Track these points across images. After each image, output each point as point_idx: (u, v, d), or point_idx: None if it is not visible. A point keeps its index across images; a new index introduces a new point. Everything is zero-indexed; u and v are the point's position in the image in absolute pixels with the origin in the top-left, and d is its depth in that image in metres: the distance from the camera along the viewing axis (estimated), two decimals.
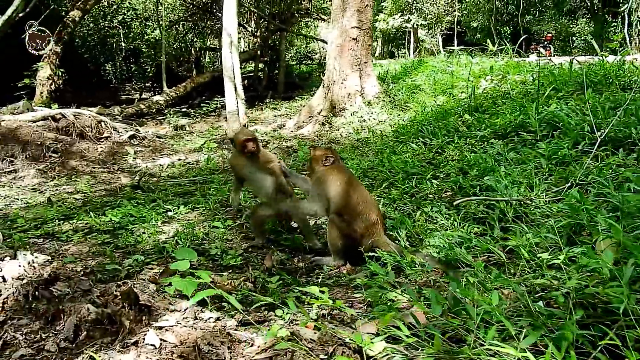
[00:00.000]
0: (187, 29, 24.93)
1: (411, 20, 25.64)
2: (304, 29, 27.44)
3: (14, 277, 3.76)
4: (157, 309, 3.14)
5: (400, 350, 2.18)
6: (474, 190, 4.57)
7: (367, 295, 3.42)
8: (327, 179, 4.20)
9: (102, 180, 8.08)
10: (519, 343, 1.99)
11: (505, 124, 5.80)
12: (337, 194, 4.13)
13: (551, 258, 2.76)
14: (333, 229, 4.11)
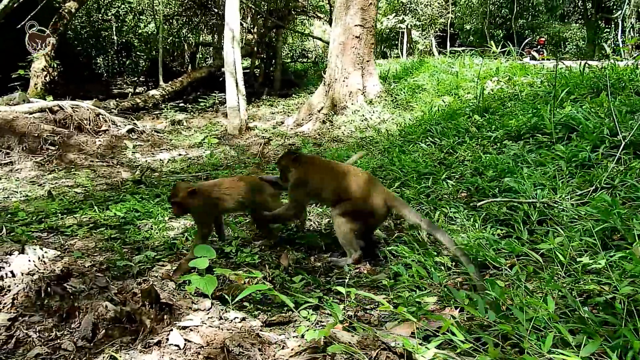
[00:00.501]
0: (182, 23, 24.68)
1: (405, 20, 25.61)
2: (300, 27, 27.29)
3: (24, 272, 3.62)
4: (179, 308, 3.02)
5: (453, 356, 2.08)
6: (492, 191, 4.51)
7: (393, 296, 3.33)
8: (307, 175, 4.16)
9: (102, 174, 7.91)
10: (580, 351, 1.91)
11: (519, 126, 5.74)
12: (326, 182, 4.12)
13: (592, 262, 2.69)
14: (339, 220, 4.03)
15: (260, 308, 3.34)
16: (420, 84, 10.98)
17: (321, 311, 3.30)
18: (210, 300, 3.04)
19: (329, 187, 4.11)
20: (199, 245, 3.67)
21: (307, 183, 4.15)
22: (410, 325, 2.86)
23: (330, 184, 4.11)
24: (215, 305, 3.02)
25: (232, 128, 10.52)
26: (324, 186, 4.13)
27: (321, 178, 4.15)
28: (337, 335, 2.50)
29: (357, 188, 4.02)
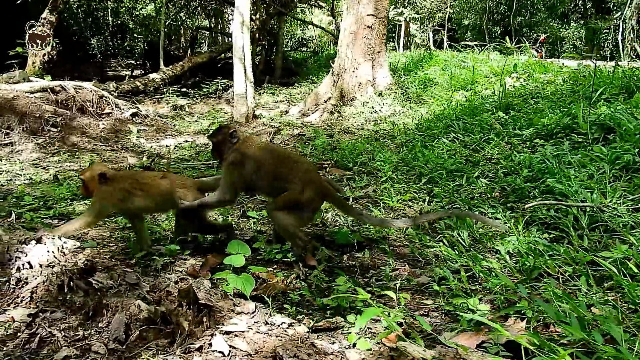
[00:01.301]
0: (180, 7, 24.18)
1: (404, 13, 25.33)
2: (300, 16, 26.91)
3: (43, 264, 3.37)
4: (220, 310, 2.79)
5: None
6: (532, 192, 4.31)
7: (443, 303, 3.12)
8: (245, 156, 3.80)
9: (107, 159, 7.62)
10: None
11: (550, 125, 5.55)
12: (265, 167, 3.79)
13: None
14: (277, 214, 3.74)
15: (301, 311, 3.12)
16: (431, 77, 10.75)
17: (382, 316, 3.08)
18: (254, 303, 2.81)
19: (267, 173, 3.79)
20: (233, 241, 3.44)
21: (244, 164, 3.79)
22: (472, 337, 2.66)
23: (270, 169, 3.79)
24: (259, 309, 2.79)
25: (238, 116, 10.24)
26: (262, 171, 3.80)
27: (260, 161, 3.81)
28: (406, 349, 2.28)
29: (298, 177, 3.76)
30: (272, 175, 3.79)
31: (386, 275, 3.53)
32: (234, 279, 3.11)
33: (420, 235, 4.11)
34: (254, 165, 3.79)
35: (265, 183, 3.81)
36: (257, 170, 3.79)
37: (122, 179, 3.94)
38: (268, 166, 3.80)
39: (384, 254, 4.04)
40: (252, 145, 3.89)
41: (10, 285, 3.21)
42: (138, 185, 3.90)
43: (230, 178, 3.81)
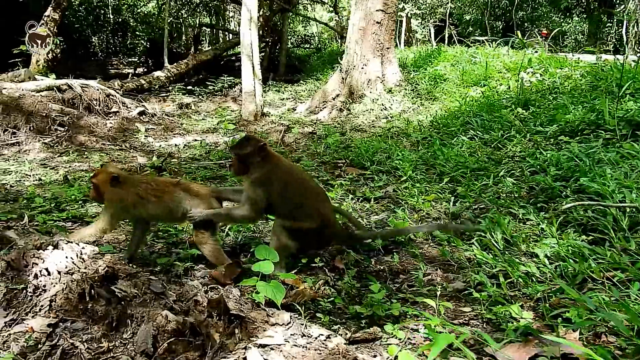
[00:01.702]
0: (181, 4, 24.02)
1: (405, 9, 25.12)
2: (302, 12, 26.72)
3: (61, 270, 3.22)
4: (253, 321, 2.64)
5: None
6: (565, 191, 4.16)
7: (484, 310, 2.97)
8: (273, 175, 3.60)
9: (116, 158, 7.47)
10: None
11: (574, 121, 5.39)
12: (286, 190, 3.61)
13: None
14: (283, 233, 3.58)
15: (335, 320, 2.97)
16: (441, 73, 10.59)
17: (403, 325, 2.94)
18: (289, 314, 2.66)
19: (291, 199, 3.61)
20: (260, 246, 3.29)
21: (272, 183, 3.58)
22: (521, 348, 2.51)
23: (296, 196, 3.62)
24: (295, 319, 2.64)
25: (247, 113, 10.08)
26: (288, 196, 3.61)
27: (288, 184, 3.63)
28: None
29: (319, 214, 3.64)
30: (296, 203, 3.62)
31: (419, 280, 3.38)
32: (264, 287, 2.97)
33: (452, 238, 3.95)
34: (281, 187, 3.60)
35: (286, 208, 3.62)
36: (283, 192, 3.61)
37: (135, 183, 3.76)
38: (294, 192, 3.64)
39: (412, 258, 3.89)
40: (282, 165, 3.71)
41: (27, 293, 3.08)
42: (152, 191, 3.72)
43: (256, 195, 3.58)
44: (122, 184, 3.70)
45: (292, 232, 3.59)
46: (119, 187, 3.68)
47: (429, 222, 4.51)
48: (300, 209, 3.60)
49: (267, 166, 3.58)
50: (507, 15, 35.42)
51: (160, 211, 3.78)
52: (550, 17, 38.62)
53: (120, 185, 3.69)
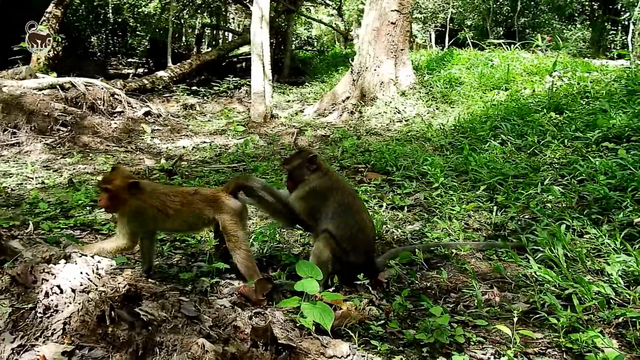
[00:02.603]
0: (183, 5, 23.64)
1: None
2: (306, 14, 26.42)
3: (75, 288, 2.83)
4: (306, 352, 2.27)
5: None
6: (625, 202, 3.80)
7: (563, 339, 2.60)
8: (325, 188, 3.36)
9: (122, 160, 7.08)
10: None
11: (620, 127, 5.05)
12: (340, 210, 3.33)
13: None
14: (326, 250, 3.27)
15: (392, 348, 2.60)
16: (457, 76, 10.24)
17: (468, 351, 2.58)
18: (347, 344, 2.28)
19: (345, 223, 3.33)
20: (301, 261, 2.92)
21: (327, 197, 3.35)
22: None
23: (349, 219, 3.34)
24: (354, 350, 2.27)
25: (256, 115, 9.71)
26: (340, 212, 3.34)
27: (342, 203, 3.37)
28: None
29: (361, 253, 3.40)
30: (350, 230, 3.33)
31: (478, 301, 3.00)
32: (310, 310, 2.59)
33: (509, 252, 3.59)
34: (336, 206, 3.34)
35: (337, 230, 3.32)
36: (337, 211, 3.34)
37: (153, 193, 3.34)
38: (349, 216, 3.35)
39: (460, 274, 3.53)
40: (337, 179, 3.53)
41: (37, 314, 2.69)
42: (171, 203, 3.32)
43: (307, 204, 3.37)
44: (141, 192, 3.30)
45: (337, 257, 3.27)
46: (139, 195, 3.28)
47: (469, 233, 4.14)
48: (351, 239, 3.31)
49: (326, 179, 3.39)
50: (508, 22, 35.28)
51: (179, 225, 3.43)
52: (552, 24, 38.50)
53: (140, 193, 3.29)
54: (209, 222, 3.46)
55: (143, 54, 22.96)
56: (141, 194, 3.27)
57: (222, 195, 3.44)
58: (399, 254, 3.72)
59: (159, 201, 3.30)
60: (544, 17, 39.24)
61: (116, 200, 3.24)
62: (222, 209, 3.37)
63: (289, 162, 3.48)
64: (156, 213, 3.29)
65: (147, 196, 3.30)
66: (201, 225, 3.51)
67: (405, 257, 3.67)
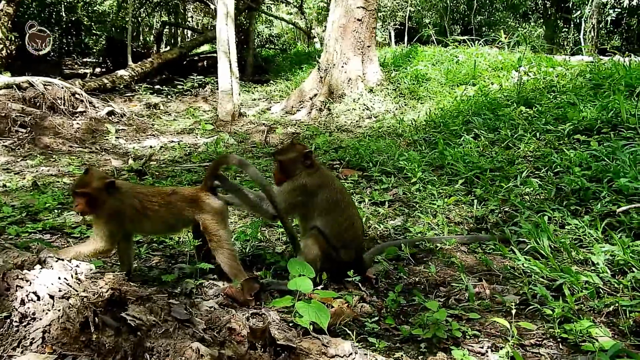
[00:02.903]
0: (140, 3, 23.08)
1: None
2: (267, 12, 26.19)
3: (54, 294, 2.69)
4: (307, 352, 2.19)
5: None
6: (603, 193, 3.87)
7: (558, 330, 2.60)
8: (315, 185, 3.27)
9: (88, 162, 6.82)
10: None
11: (591, 120, 5.16)
12: (330, 207, 3.27)
13: None
14: (315, 247, 3.22)
15: (389, 345, 2.55)
16: (423, 72, 10.32)
17: (465, 345, 2.56)
18: (349, 342, 2.22)
19: (336, 221, 3.27)
20: (293, 260, 2.84)
21: (317, 194, 3.26)
22: None
23: (340, 217, 3.30)
24: (356, 349, 2.20)
25: (224, 113, 9.54)
26: (332, 211, 3.27)
27: (336, 203, 3.29)
28: None
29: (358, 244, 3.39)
30: (339, 227, 3.27)
31: (470, 294, 2.99)
32: (306, 309, 2.52)
33: (498, 246, 3.60)
34: (327, 203, 3.26)
35: (327, 227, 3.25)
36: (329, 208, 3.26)
37: (131, 193, 3.20)
38: (340, 213, 3.29)
39: (447, 267, 3.52)
40: (328, 176, 3.43)
41: (12, 323, 2.54)
42: (149, 203, 3.18)
43: (294, 199, 3.25)
44: (119, 191, 3.16)
45: (326, 254, 3.22)
46: (116, 195, 3.14)
47: (452, 227, 4.15)
48: (340, 236, 3.25)
49: (317, 175, 3.28)
50: (465, 20, 35.93)
51: (158, 226, 3.29)
52: (506, 22, 39.41)
53: (117, 193, 3.15)
54: (188, 223, 3.35)
55: (100, 53, 22.26)
56: (118, 193, 3.13)
57: (201, 194, 3.32)
58: (385, 249, 3.69)
59: (137, 201, 3.17)
60: (499, 15, 40.12)
61: (93, 203, 3.09)
62: (203, 208, 3.26)
63: (283, 154, 3.36)
64: (134, 213, 3.16)
65: (125, 196, 3.16)
66: (180, 226, 3.40)
67: (392, 253, 3.64)
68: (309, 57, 19.69)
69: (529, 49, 9.66)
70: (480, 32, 36.58)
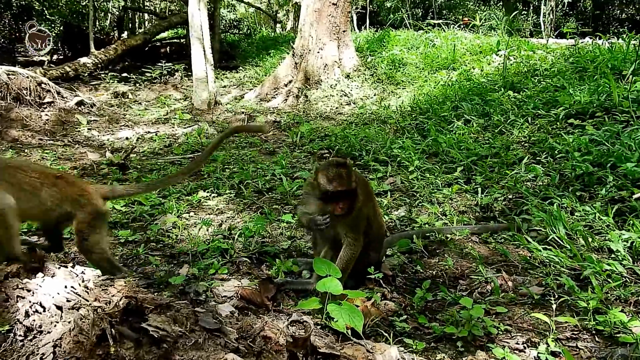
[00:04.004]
0: None
1: None
2: None
3: (61, 305, 2.50)
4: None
5: None
6: (609, 178, 3.87)
7: (593, 322, 2.56)
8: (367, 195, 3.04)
9: (62, 155, 6.46)
10: None
11: (583, 103, 5.16)
12: (373, 219, 3.07)
13: None
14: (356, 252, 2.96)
15: (427, 347, 2.45)
16: (399, 57, 10.23)
17: (500, 342, 2.49)
18: (394, 347, 2.11)
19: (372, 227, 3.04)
20: (317, 259, 2.70)
21: (363, 209, 2.95)
22: None
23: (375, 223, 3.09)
24: (402, 353, 2.10)
25: (199, 102, 9.23)
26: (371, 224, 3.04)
27: (373, 215, 3.08)
28: None
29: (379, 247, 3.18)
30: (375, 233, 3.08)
31: (495, 287, 2.92)
32: (338, 311, 2.40)
33: (518, 236, 3.55)
34: (370, 213, 3.03)
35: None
36: (370, 219, 3.03)
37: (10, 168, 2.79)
38: (376, 220, 3.10)
39: (462, 259, 3.45)
40: (362, 180, 3.09)
41: (16, 337, 2.35)
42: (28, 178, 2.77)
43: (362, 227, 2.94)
44: None
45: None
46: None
47: (460, 217, 4.08)
48: (375, 239, 3.07)
49: (360, 185, 2.92)
50: (425, 3, 36.07)
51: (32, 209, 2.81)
52: (466, 5, 39.79)
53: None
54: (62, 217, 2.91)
55: (55, 40, 21.30)
56: None
57: (91, 192, 2.96)
58: (395, 241, 3.59)
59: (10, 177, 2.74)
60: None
61: None
62: (84, 207, 2.87)
63: (346, 183, 2.73)
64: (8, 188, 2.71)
65: None
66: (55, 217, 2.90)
67: (404, 245, 3.54)
68: (275, 42, 19.35)
69: (504, 32, 9.68)
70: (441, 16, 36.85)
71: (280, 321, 2.32)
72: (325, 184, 2.72)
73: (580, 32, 8.99)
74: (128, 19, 27.81)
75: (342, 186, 2.70)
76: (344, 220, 2.82)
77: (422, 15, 38.42)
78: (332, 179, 2.71)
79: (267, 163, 5.72)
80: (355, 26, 26.39)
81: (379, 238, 3.12)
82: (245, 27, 27.25)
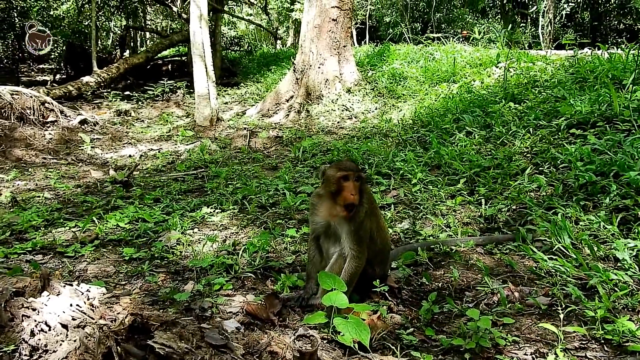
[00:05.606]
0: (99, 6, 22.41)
1: None
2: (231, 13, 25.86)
3: (67, 323, 2.49)
4: None
5: None
6: (613, 187, 3.86)
7: (601, 332, 2.54)
8: (372, 208, 3.01)
9: (66, 174, 6.50)
10: None
11: (584, 114, 5.18)
12: (379, 225, 3.06)
13: None
14: (360, 267, 2.89)
15: (435, 359, 2.44)
16: (400, 71, 10.30)
17: (508, 353, 2.47)
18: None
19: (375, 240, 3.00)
20: (322, 272, 2.69)
21: (370, 217, 2.95)
22: None
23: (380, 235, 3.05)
24: None
25: (202, 119, 9.28)
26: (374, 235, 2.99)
27: (377, 227, 3.03)
28: None
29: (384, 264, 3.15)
30: (377, 239, 3.03)
31: (502, 298, 2.91)
32: (345, 325, 2.39)
33: (523, 246, 3.53)
34: (374, 224, 3.00)
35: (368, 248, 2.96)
36: (374, 229, 3.00)
37: None
38: (380, 232, 3.07)
39: (467, 270, 3.43)
40: (371, 197, 3.09)
41: (22, 357, 2.34)
42: None
43: (366, 232, 2.90)
44: None
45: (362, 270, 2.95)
46: None
47: (464, 228, 4.08)
48: (379, 253, 3.04)
49: (366, 195, 2.93)
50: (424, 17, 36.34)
51: None
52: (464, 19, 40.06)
53: None
54: None
55: (58, 60, 21.50)
56: None
57: None
58: (400, 254, 3.59)
59: None
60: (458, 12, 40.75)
61: None
62: None
63: (357, 167, 2.89)
64: None
65: None
66: None
67: (409, 258, 3.54)
68: (276, 58, 19.52)
69: (504, 45, 9.74)
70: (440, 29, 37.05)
71: (287, 336, 2.31)
72: (336, 171, 2.81)
73: (579, 43, 9.04)
74: (130, 38, 28.12)
75: (352, 169, 2.81)
76: (348, 228, 2.81)
77: (421, 29, 38.67)
78: (342, 165, 2.86)
79: (270, 178, 5.74)
80: (355, 41, 26.62)
81: (384, 252, 3.10)
82: (246, 43, 27.52)
